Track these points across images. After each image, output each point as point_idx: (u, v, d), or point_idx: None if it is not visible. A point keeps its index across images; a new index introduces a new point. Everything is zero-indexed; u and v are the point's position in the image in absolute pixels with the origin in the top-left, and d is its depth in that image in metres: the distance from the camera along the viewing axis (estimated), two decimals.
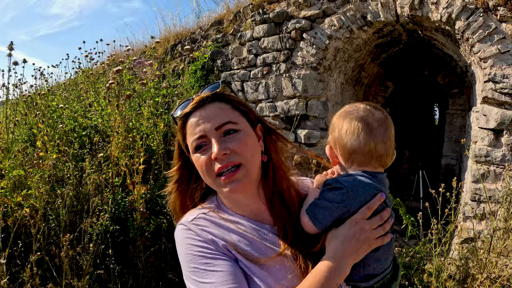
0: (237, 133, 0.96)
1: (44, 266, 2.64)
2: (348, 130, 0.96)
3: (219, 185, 0.96)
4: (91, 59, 5.59)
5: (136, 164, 3.03)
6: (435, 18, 3.75)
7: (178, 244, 0.98)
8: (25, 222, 2.88)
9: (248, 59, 5.15)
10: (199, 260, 0.92)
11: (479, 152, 3.43)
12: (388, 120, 0.98)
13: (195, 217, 1.00)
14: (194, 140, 0.97)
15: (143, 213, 2.87)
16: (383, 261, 0.95)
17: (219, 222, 0.99)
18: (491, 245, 2.68)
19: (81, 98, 4.77)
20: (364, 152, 0.95)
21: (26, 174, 3.15)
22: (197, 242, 0.94)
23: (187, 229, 0.98)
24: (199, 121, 0.97)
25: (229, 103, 1.01)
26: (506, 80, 3.27)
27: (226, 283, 0.87)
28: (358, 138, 0.94)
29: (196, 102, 0.99)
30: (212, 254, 0.92)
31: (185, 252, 0.95)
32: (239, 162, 0.94)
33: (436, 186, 2.69)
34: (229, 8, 6.10)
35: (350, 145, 0.96)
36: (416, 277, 2.84)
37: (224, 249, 0.93)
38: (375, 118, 0.96)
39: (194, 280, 0.91)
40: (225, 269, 0.89)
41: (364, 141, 0.94)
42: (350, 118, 0.97)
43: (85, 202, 3.03)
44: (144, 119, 3.56)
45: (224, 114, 0.98)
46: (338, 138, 0.99)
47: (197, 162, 0.98)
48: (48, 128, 3.73)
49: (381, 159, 0.96)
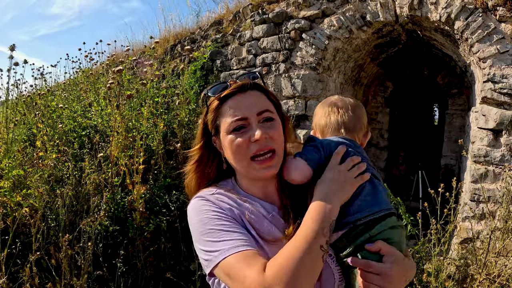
0: (273, 121, 1.04)
1: (43, 266, 2.64)
2: (322, 113, 1.21)
3: (250, 167, 1.01)
4: (91, 59, 5.60)
5: (136, 164, 3.03)
6: (434, 18, 3.76)
7: (193, 212, 1.02)
8: (25, 221, 2.88)
9: (248, 59, 5.15)
10: (216, 222, 0.95)
11: (478, 152, 3.43)
12: (358, 105, 1.21)
13: (213, 192, 1.05)
14: (234, 121, 1.00)
15: (143, 213, 2.87)
16: (369, 202, 1.03)
17: (234, 198, 1.04)
18: (490, 245, 2.68)
19: (80, 98, 4.78)
20: (333, 126, 1.17)
21: (25, 174, 3.15)
22: (214, 208, 0.98)
23: (204, 199, 1.02)
24: (241, 104, 1.02)
25: (265, 93, 1.08)
26: (505, 80, 3.28)
27: (245, 242, 0.90)
28: (329, 116, 1.18)
29: (239, 85, 1.04)
30: (229, 218, 0.96)
31: (201, 217, 0.98)
32: (274, 148, 1.01)
33: (436, 186, 2.70)
34: (228, 8, 6.10)
35: (324, 123, 1.19)
36: (415, 276, 2.85)
37: (239, 218, 0.98)
38: (344, 102, 1.20)
39: (209, 241, 0.93)
40: (243, 232, 0.93)
41: (333, 117, 1.17)
42: (324, 104, 1.23)
43: (84, 202, 3.03)
44: (143, 119, 3.56)
45: (263, 102, 1.04)
46: (316, 122, 1.22)
47: (231, 143, 1.01)
48: (47, 128, 3.74)
49: (349, 131, 1.16)
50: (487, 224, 3.33)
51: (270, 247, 0.96)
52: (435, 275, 2.58)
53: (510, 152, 3.30)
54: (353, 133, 1.16)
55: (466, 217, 3.50)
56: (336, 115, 1.17)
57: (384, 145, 7.08)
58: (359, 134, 1.18)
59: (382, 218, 1.02)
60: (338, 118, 1.16)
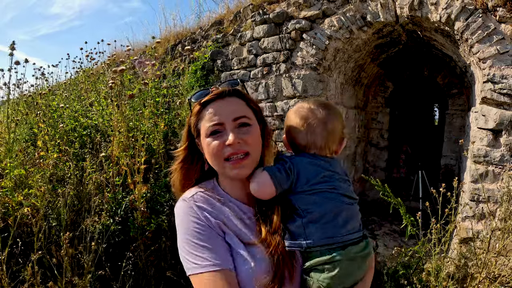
0: (249, 127, 1.09)
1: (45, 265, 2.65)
2: (293, 125, 1.16)
3: (225, 168, 1.08)
4: (92, 59, 5.60)
5: (137, 164, 3.04)
6: (434, 19, 3.77)
7: (178, 216, 1.11)
8: (26, 221, 2.89)
9: (248, 59, 5.16)
10: (194, 233, 1.04)
11: (478, 152, 3.44)
12: (331, 116, 1.14)
13: (193, 194, 1.12)
14: (211, 126, 1.08)
15: (144, 213, 2.88)
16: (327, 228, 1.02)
17: (213, 201, 1.11)
18: (490, 245, 2.69)
19: (81, 98, 4.78)
20: (303, 145, 1.13)
21: (27, 173, 3.16)
22: (193, 218, 1.06)
23: (186, 205, 1.10)
24: (219, 110, 1.08)
25: (245, 100, 1.14)
26: (505, 80, 3.29)
27: (212, 259, 1.00)
28: (299, 133, 1.14)
29: (218, 92, 1.11)
30: (204, 231, 1.04)
31: (183, 225, 1.08)
32: (248, 151, 1.07)
33: (436, 186, 2.71)
34: (229, 8, 6.11)
35: (294, 135, 1.15)
36: (415, 276, 2.85)
37: (216, 226, 1.05)
38: (315, 116, 1.13)
39: (188, 251, 1.04)
40: (212, 247, 1.02)
41: (303, 136, 1.13)
42: (296, 115, 1.16)
43: (86, 202, 3.04)
44: (144, 118, 3.57)
45: (241, 109, 1.10)
46: (287, 131, 1.19)
47: (208, 145, 1.08)
48: (49, 128, 3.74)
49: (321, 150, 1.13)
50: (487, 224, 3.34)
51: (250, 248, 1.03)
52: (435, 275, 2.59)
53: (510, 152, 3.31)
54: (324, 148, 1.13)
55: (466, 217, 3.51)
56: (306, 133, 1.12)
57: (384, 145, 7.09)
58: (331, 145, 1.15)
59: (341, 247, 1.01)
60: (308, 137, 1.12)
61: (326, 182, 1.06)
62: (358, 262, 1.02)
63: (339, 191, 1.07)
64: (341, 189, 1.08)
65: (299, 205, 1.05)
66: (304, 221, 1.02)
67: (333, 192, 1.05)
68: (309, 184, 1.05)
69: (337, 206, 1.04)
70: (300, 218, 1.03)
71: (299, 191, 1.05)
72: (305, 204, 1.04)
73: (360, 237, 1.06)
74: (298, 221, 1.03)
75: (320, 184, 1.05)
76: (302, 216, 1.03)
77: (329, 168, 1.09)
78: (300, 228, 1.03)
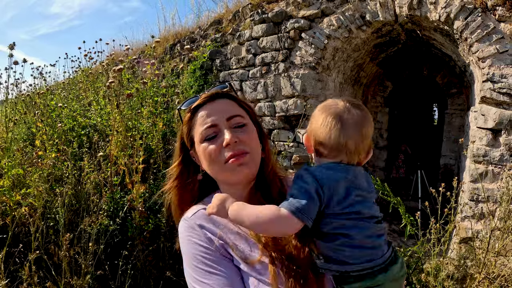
0: (245, 126, 1.04)
1: (42, 265, 2.64)
2: (323, 123, 0.99)
3: (226, 170, 1.00)
4: (90, 58, 5.59)
5: (135, 163, 3.03)
6: (433, 18, 3.76)
7: (181, 239, 1.03)
8: (24, 221, 2.88)
9: (247, 59, 5.15)
10: (198, 260, 0.97)
11: (477, 151, 3.44)
12: (366, 119, 1.00)
13: (194, 213, 1.04)
14: (204, 130, 1.01)
15: (142, 212, 2.87)
16: (363, 250, 0.94)
17: (216, 220, 1.01)
18: (489, 245, 2.68)
19: (80, 98, 4.77)
20: (333, 147, 0.98)
21: (25, 173, 3.15)
22: (197, 241, 0.98)
23: (188, 226, 1.02)
24: (211, 112, 1.03)
25: (236, 101, 1.09)
26: (504, 80, 3.28)
27: (220, 286, 0.93)
28: (330, 132, 0.97)
29: (208, 96, 1.06)
30: (210, 256, 0.96)
31: (186, 249, 1.01)
32: (248, 151, 1.00)
33: (435, 186, 2.70)
34: (228, 7, 6.10)
35: (322, 137, 0.99)
36: (415, 276, 2.85)
37: (221, 248, 0.97)
38: (350, 115, 0.98)
39: (193, 276, 0.97)
40: (221, 272, 0.94)
41: (335, 136, 0.97)
42: (327, 112, 1.00)
43: (84, 201, 3.03)
44: (143, 118, 3.56)
45: (233, 108, 1.05)
46: (313, 129, 1.02)
47: (204, 151, 1.01)
48: (47, 127, 3.73)
49: (351, 155, 0.99)
50: (486, 224, 3.33)
51: (254, 267, 0.95)
52: (434, 275, 2.58)
53: (509, 151, 3.31)
54: (355, 154, 0.99)
55: (465, 216, 3.50)
56: (339, 133, 0.96)
57: (383, 144, 7.08)
58: (361, 155, 1.02)
59: (383, 270, 0.93)
60: (341, 138, 0.96)
61: (358, 203, 0.95)
62: (400, 281, 0.97)
63: (370, 212, 0.97)
64: (371, 209, 0.98)
65: (325, 229, 0.94)
66: (335, 244, 0.93)
67: (365, 214, 0.96)
68: (341, 206, 0.93)
69: (370, 227, 0.96)
70: (329, 242, 0.94)
71: (328, 212, 0.94)
72: (334, 228, 0.93)
73: (393, 253, 0.99)
74: (326, 245, 0.94)
75: (353, 206, 0.94)
76: (330, 240, 0.94)
77: (360, 185, 0.98)
78: (331, 251, 0.93)
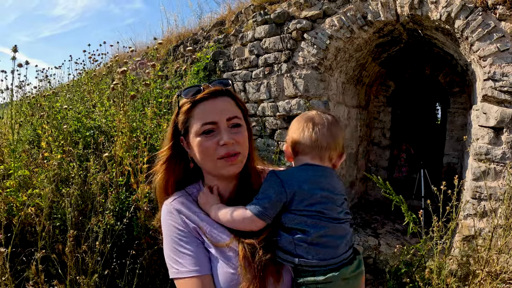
0: (240, 127, 1.11)
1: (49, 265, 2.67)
2: (298, 126, 1.15)
3: (217, 166, 1.08)
4: (95, 60, 5.64)
5: (140, 164, 3.06)
6: (434, 17, 3.78)
7: (162, 222, 1.14)
8: (30, 221, 2.91)
9: (250, 60, 5.18)
10: (174, 240, 1.08)
11: (480, 150, 3.45)
12: (334, 123, 1.15)
13: (175, 198, 1.15)
14: (203, 125, 1.07)
15: (147, 212, 2.90)
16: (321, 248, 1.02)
17: (192, 207, 1.12)
18: (492, 243, 2.70)
19: (84, 99, 4.82)
20: (306, 143, 1.12)
21: (31, 174, 3.19)
22: (174, 224, 1.09)
23: (167, 210, 1.13)
24: (213, 109, 1.08)
25: (235, 100, 1.14)
26: (505, 78, 3.29)
27: (190, 265, 1.04)
28: (303, 131, 1.13)
29: (212, 91, 1.10)
30: (182, 237, 1.07)
31: (165, 230, 1.12)
32: (240, 152, 1.09)
33: (438, 184, 2.72)
34: (230, 9, 6.14)
35: (296, 137, 1.14)
36: (418, 274, 2.87)
37: (194, 231, 1.08)
38: (321, 118, 1.14)
39: (171, 256, 1.08)
40: (191, 253, 1.05)
41: (308, 134, 1.12)
42: (301, 118, 1.17)
43: (89, 202, 3.07)
44: (147, 119, 3.60)
45: (233, 109, 1.11)
46: (290, 134, 1.18)
47: (200, 145, 1.08)
48: (52, 129, 3.78)
49: (323, 151, 1.11)
50: (488, 222, 3.35)
51: (220, 251, 1.04)
52: (437, 272, 2.60)
53: (511, 149, 3.32)
54: (326, 151, 1.11)
55: (468, 214, 3.52)
56: (310, 132, 1.12)
57: (386, 144, 7.09)
58: (333, 153, 1.13)
59: (336, 269, 1.00)
60: (312, 135, 1.11)
61: (321, 203, 1.04)
62: (352, 281, 1.02)
63: (332, 213, 1.05)
64: (335, 211, 1.06)
65: (288, 224, 1.04)
66: (294, 238, 1.01)
67: (326, 214, 1.03)
68: (303, 204, 1.03)
69: (329, 227, 1.03)
70: (290, 235, 1.02)
71: (292, 209, 1.04)
72: (296, 224, 1.03)
73: (352, 254, 1.07)
74: (287, 238, 1.03)
75: (315, 206, 1.03)
76: (291, 234, 1.02)
77: (326, 186, 1.07)
78: (290, 244, 1.02)
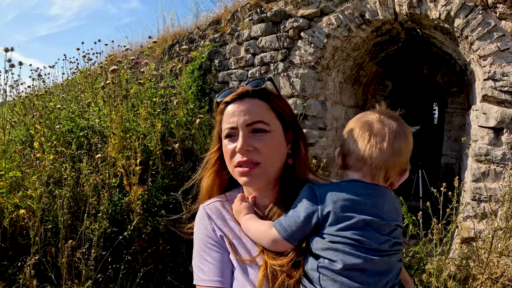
0: (266, 133, 0.99)
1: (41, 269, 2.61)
2: (351, 133, 0.96)
3: (235, 173, 1.03)
4: (89, 59, 5.57)
5: (133, 165, 3.00)
6: (433, 16, 3.73)
7: (195, 223, 1.10)
8: (22, 224, 2.85)
9: (246, 59, 5.12)
10: (201, 246, 1.04)
11: (479, 151, 3.41)
12: (400, 133, 0.94)
13: (211, 202, 1.11)
14: (226, 128, 1.02)
15: (140, 214, 2.84)
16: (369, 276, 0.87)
17: (225, 214, 1.07)
18: (492, 245, 2.66)
19: (78, 99, 4.75)
20: (358, 157, 0.93)
21: (23, 175, 3.12)
22: (203, 229, 1.06)
23: (201, 214, 1.09)
24: (234, 112, 1.01)
25: (268, 102, 1.03)
26: (506, 78, 3.25)
27: (212, 274, 0.99)
28: (356, 141, 0.93)
29: (237, 94, 1.03)
30: (210, 244, 1.03)
31: (195, 234, 1.08)
32: (259, 161, 0.98)
33: (436, 185, 2.67)
34: (226, 7, 6.07)
35: (348, 147, 0.96)
36: (416, 277, 2.82)
37: (221, 239, 1.03)
38: (382, 125, 0.93)
39: (195, 259, 1.05)
40: (214, 262, 1.00)
41: (361, 145, 0.92)
42: (357, 121, 0.97)
43: (82, 204, 3.01)
44: (141, 119, 3.53)
45: (258, 112, 1.01)
46: (341, 140, 1.00)
47: (225, 148, 1.04)
48: (45, 129, 3.71)
49: (376, 169, 0.92)
50: (489, 224, 3.31)
51: (242, 264, 0.98)
52: (436, 275, 2.55)
53: (511, 150, 3.28)
54: (381, 170, 0.92)
55: (467, 216, 3.47)
56: (365, 144, 0.91)
57: None
58: (391, 172, 0.93)
59: None
60: (366, 149, 0.91)
61: (359, 230, 0.86)
62: None
63: (372, 243, 0.86)
64: (377, 240, 0.87)
65: (316, 249, 0.89)
66: (319, 265, 0.87)
67: (363, 243, 0.86)
68: (335, 228, 0.87)
69: (365, 260, 0.85)
70: (316, 261, 0.88)
71: (322, 232, 0.89)
72: (323, 250, 0.88)
73: None
74: (313, 264, 0.88)
75: (350, 231, 0.86)
76: (318, 260, 0.88)
77: (370, 210, 0.88)
78: (314, 271, 0.88)
